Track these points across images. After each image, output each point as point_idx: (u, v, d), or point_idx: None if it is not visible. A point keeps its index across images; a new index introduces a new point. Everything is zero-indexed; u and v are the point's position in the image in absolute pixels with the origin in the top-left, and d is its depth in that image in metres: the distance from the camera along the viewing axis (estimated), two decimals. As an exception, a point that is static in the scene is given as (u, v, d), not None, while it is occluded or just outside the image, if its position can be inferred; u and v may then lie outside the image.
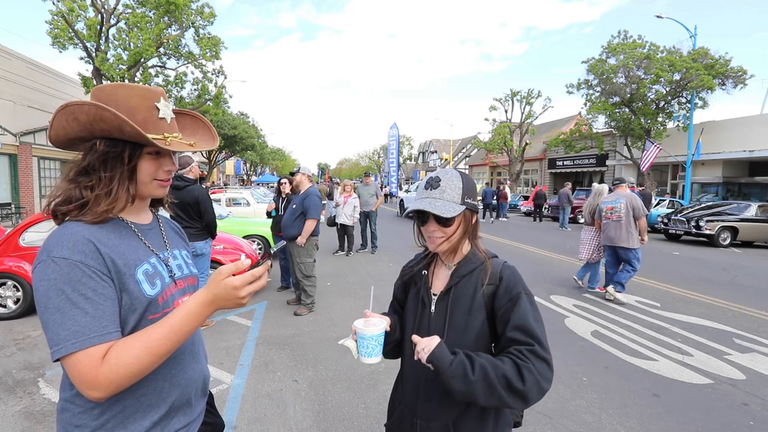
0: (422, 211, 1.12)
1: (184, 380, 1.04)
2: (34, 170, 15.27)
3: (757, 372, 3.68)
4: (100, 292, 0.87)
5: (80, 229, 0.91)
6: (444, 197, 1.11)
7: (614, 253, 5.93)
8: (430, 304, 1.19)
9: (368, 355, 1.13)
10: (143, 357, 0.85)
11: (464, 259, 1.18)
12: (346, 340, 1.18)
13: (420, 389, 1.17)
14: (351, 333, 1.17)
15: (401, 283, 1.33)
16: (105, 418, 0.93)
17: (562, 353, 4.03)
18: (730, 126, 18.20)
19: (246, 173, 54.47)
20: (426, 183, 1.16)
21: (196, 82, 15.66)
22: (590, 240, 6.30)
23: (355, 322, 1.16)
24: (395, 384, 1.33)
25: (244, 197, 13.07)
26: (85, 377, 0.82)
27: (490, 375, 0.97)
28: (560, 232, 14.42)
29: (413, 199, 1.21)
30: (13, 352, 3.99)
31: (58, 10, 12.56)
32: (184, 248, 1.19)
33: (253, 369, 3.65)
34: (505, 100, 28.36)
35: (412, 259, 1.33)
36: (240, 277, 0.90)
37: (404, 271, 1.32)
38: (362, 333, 1.12)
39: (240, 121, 29.79)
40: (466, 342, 1.11)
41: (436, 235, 1.13)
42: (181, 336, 0.90)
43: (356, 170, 76.74)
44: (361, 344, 1.13)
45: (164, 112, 0.98)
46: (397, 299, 1.34)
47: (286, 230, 5.25)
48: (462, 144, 52.31)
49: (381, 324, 1.14)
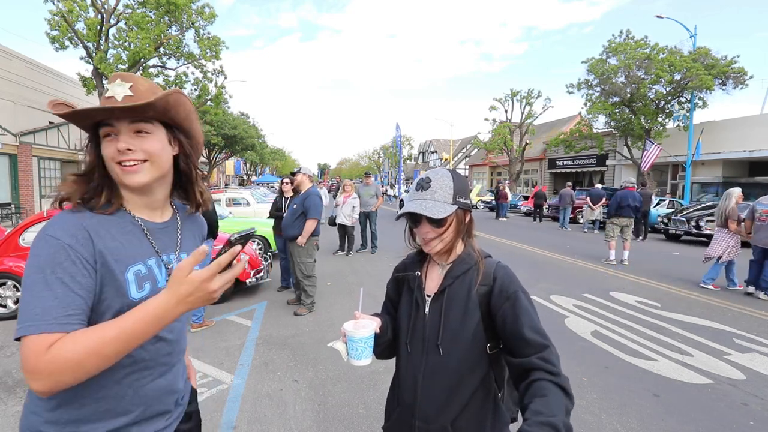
0: (414, 213, 1.11)
1: (153, 392, 0.99)
2: (34, 170, 15.27)
3: (757, 372, 3.68)
4: (78, 279, 0.85)
5: (79, 216, 0.91)
6: (435, 198, 1.10)
7: (764, 254, 6.16)
8: (424, 305, 1.17)
9: (358, 357, 1.12)
10: (86, 354, 0.79)
11: (458, 259, 1.17)
12: (335, 343, 1.17)
13: (418, 390, 1.15)
14: (340, 335, 1.16)
15: (394, 283, 1.31)
16: (59, 413, 0.90)
17: (562, 353, 4.00)
18: (730, 126, 18.20)
19: (246, 173, 54.45)
20: (417, 184, 1.15)
21: (197, 82, 15.65)
22: (725, 240, 6.56)
23: (344, 324, 1.14)
24: (391, 387, 1.32)
25: (244, 197, 13.07)
26: (28, 363, 0.78)
27: (567, 421, 0.89)
28: (560, 232, 14.41)
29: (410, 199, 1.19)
30: (13, 352, 3.99)
31: (58, 10, 12.56)
32: None
33: (253, 369, 3.65)
34: (505, 100, 28.35)
35: (405, 259, 1.31)
36: (206, 269, 0.84)
37: (396, 271, 1.30)
38: (351, 335, 1.11)
39: (240, 121, 29.79)
40: (461, 342, 1.10)
41: (429, 236, 1.13)
42: (133, 340, 0.83)
43: (356, 170, 76.73)
44: (351, 347, 1.12)
45: (113, 91, 0.94)
46: (390, 299, 1.32)
47: (286, 230, 5.25)
48: (462, 144, 52.31)
49: (371, 326, 1.14)
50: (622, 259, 8.54)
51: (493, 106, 28.70)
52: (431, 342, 1.14)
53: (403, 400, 1.20)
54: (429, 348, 1.14)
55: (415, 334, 1.17)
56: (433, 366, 1.13)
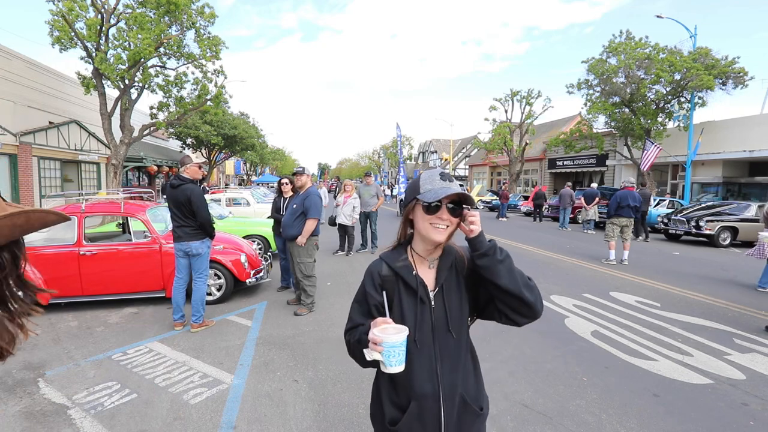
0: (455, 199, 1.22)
1: None
2: (34, 170, 15.25)
3: (757, 372, 3.68)
4: None
5: None
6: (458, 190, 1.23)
7: None
8: (429, 300, 1.27)
9: (399, 363, 1.09)
10: None
11: (444, 253, 1.31)
12: (371, 353, 1.11)
13: (438, 377, 1.24)
14: (371, 345, 1.11)
15: (379, 288, 1.30)
16: None
17: (562, 353, 4.03)
18: (730, 126, 18.19)
19: (246, 173, 54.43)
20: (441, 174, 1.25)
21: (196, 82, 15.61)
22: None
23: (374, 332, 1.10)
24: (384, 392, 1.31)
25: (244, 197, 13.07)
26: None
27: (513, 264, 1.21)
28: (560, 232, 14.42)
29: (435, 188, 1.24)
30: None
31: (58, 10, 12.54)
32: None
33: (253, 369, 3.65)
34: (505, 100, 28.33)
35: (387, 264, 1.32)
36: None
37: (383, 277, 1.31)
38: (391, 341, 1.07)
39: (240, 121, 29.74)
40: (461, 322, 1.29)
41: (443, 224, 1.22)
42: None
43: (356, 170, 76.72)
44: (392, 353, 1.08)
45: None
46: (376, 305, 1.30)
47: (286, 230, 5.25)
48: (462, 144, 52.29)
49: (403, 328, 1.12)
50: (622, 259, 8.54)
51: (493, 106, 28.69)
52: (441, 330, 1.26)
53: (424, 392, 1.24)
54: (438, 335, 1.26)
55: (422, 328, 1.25)
56: (444, 350, 1.26)
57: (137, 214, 5.45)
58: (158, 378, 3.49)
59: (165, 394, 3.21)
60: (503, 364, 3.71)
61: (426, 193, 1.23)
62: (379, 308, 1.29)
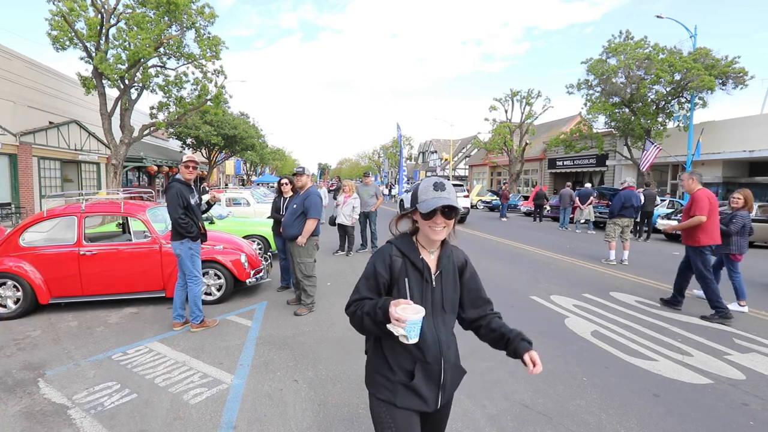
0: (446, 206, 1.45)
1: None
2: (34, 170, 15.25)
3: (757, 372, 3.68)
4: None
5: None
6: (451, 197, 1.48)
7: None
8: (431, 281, 1.55)
9: (417, 336, 1.37)
10: None
11: (444, 245, 1.59)
12: (394, 328, 1.36)
13: (442, 345, 1.54)
14: (394, 322, 1.35)
15: (389, 266, 1.55)
16: None
17: (562, 353, 4.03)
18: (730, 126, 18.19)
19: (246, 173, 54.43)
20: (434, 185, 1.49)
21: (196, 82, 15.60)
22: None
23: (397, 311, 1.34)
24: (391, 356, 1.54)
25: (244, 197, 13.07)
26: None
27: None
28: (560, 232, 14.41)
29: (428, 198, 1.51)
30: (13, 352, 3.99)
31: (58, 10, 12.54)
32: None
33: (253, 369, 3.65)
34: (505, 100, 28.33)
35: (396, 246, 1.57)
36: None
37: (391, 257, 1.55)
38: (414, 319, 1.33)
39: (240, 121, 29.73)
40: (454, 303, 1.60)
41: (440, 227, 1.49)
42: None
43: (356, 170, 76.70)
44: (413, 329, 1.35)
45: None
46: (384, 282, 1.54)
47: (286, 230, 5.25)
48: (462, 144, 52.29)
49: (420, 308, 1.37)
50: (622, 259, 8.55)
51: (493, 106, 28.69)
52: (438, 306, 1.55)
53: (432, 358, 1.52)
54: (436, 311, 1.55)
55: (425, 301, 1.52)
56: (442, 323, 1.56)
57: (137, 214, 5.45)
58: (158, 378, 3.49)
59: (165, 394, 3.22)
60: (503, 364, 3.71)
61: (422, 203, 1.48)
62: (387, 285, 1.55)
